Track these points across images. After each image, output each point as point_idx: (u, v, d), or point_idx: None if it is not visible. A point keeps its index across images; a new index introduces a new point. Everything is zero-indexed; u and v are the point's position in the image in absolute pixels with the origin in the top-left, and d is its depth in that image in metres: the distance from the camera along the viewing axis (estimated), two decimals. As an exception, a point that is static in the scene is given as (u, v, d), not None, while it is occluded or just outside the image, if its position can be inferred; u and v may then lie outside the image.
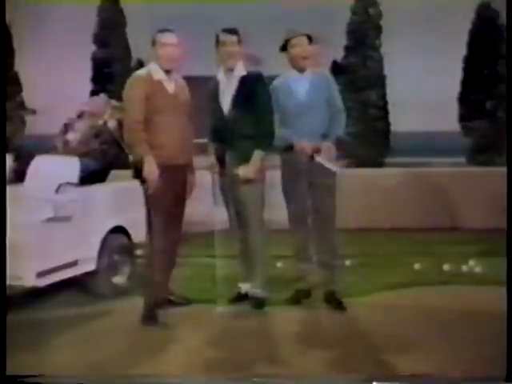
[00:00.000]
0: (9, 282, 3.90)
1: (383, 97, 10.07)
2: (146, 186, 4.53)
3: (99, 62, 10.41)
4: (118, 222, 5.29)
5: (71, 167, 5.08)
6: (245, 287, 4.95)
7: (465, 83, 10.26)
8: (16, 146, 8.96)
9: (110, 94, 5.93)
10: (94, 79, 10.43)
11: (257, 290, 4.85)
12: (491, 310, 4.43)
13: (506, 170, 6.67)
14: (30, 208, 4.69)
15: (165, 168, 4.49)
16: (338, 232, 4.89)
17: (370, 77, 9.88)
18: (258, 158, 4.72)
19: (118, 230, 5.31)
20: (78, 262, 4.89)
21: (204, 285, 5.32)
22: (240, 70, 4.77)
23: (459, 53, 10.41)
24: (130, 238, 5.45)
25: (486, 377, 3.51)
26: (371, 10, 9.95)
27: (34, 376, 3.46)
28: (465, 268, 5.97)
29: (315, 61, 4.95)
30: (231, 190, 4.82)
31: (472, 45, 10.20)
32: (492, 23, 9.97)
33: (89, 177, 5.19)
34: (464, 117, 10.23)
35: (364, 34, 9.88)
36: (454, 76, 10.51)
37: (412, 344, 4.11)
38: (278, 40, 4.94)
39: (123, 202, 5.34)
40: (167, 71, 4.62)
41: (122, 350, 4.09)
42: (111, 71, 10.27)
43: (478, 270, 5.90)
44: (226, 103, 4.76)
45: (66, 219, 4.81)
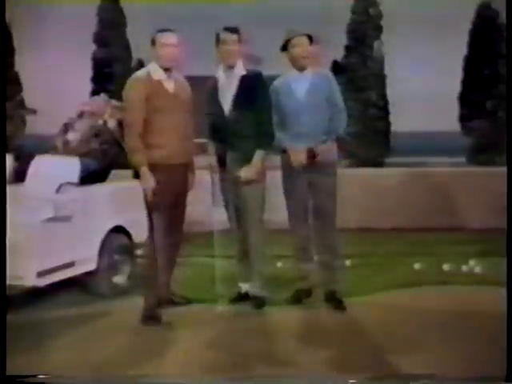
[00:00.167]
0: (9, 282, 3.90)
1: (383, 97, 10.05)
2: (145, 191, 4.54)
3: (99, 62, 10.39)
4: (118, 221, 5.30)
5: (71, 167, 5.09)
6: (245, 287, 4.95)
7: (465, 83, 10.24)
8: (16, 145, 8.95)
9: (111, 94, 5.94)
10: (94, 79, 10.41)
11: (257, 290, 4.86)
12: (491, 310, 4.43)
13: (506, 169, 6.66)
14: (31, 208, 4.70)
15: (165, 167, 4.49)
16: (338, 232, 4.90)
17: (370, 77, 9.87)
18: (259, 158, 4.72)
19: (119, 229, 5.32)
20: (78, 262, 4.90)
21: (204, 284, 5.32)
22: (240, 69, 4.77)
23: (459, 53, 10.41)
24: (131, 237, 5.46)
25: (486, 377, 3.50)
26: (371, 10, 9.94)
27: (34, 376, 3.46)
28: (465, 268, 5.97)
29: (315, 61, 4.95)
30: (232, 190, 4.82)
31: (472, 45, 10.19)
32: (492, 23, 9.96)
33: (89, 177, 5.19)
34: (464, 117, 10.22)
35: (364, 34, 9.88)
36: (454, 76, 10.50)
37: (412, 344, 4.11)
38: (278, 40, 4.94)
39: (123, 202, 5.35)
40: (167, 70, 4.61)
41: (122, 349, 4.10)
42: (111, 71, 10.25)
43: (478, 270, 5.91)
44: (226, 103, 4.76)
45: (66, 219, 4.81)
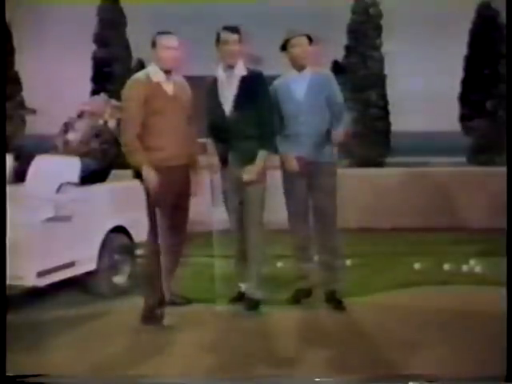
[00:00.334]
0: (9, 282, 3.90)
1: (384, 97, 10.03)
2: (147, 187, 4.54)
3: (99, 62, 10.35)
4: (118, 221, 5.30)
5: (72, 167, 5.08)
6: (245, 286, 4.94)
7: (465, 83, 10.21)
8: (16, 145, 8.93)
9: (111, 94, 5.92)
10: (95, 79, 10.37)
11: (252, 291, 4.84)
12: (491, 310, 4.43)
13: (506, 169, 6.66)
14: (31, 208, 4.69)
15: (164, 169, 4.48)
16: (338, 232, 4.90)
17: (371, 76, 9.85)
18: (262, 159, 4.71)
19: (119, 229, 5.32)
20: (78, 262, 4.90)
21: (203, 284, 5.32)
22: (240, 69, 4.75)
23: (460, 52, 10.37)
24: (131, 237, 5.46)
25: (486, 377, 3.51)
26: (371, 10, 9.92)
27: (34, 376, 3.47)
28: (465, 268, 5.98)
29: (315, 61, 4.94)
30: (233, 190, 4.81)
31: (472, 44, 10.15)
32: (492, 23, 9.93)
33: (89, 176, 5.19)
34: (464, 116, 10.19)
35: (364, 34, 9.86)
36: (455, 76, 10.47)
37: (412, 344, 4.11)
38: (278, 39, 4.94)
39: (124, 202, 5.35)
40: (166, 72, 4.59)
41: (122, 349, 4.10)
42: (111, 71, 10.22)
43: (478, 269, 5.91)
44: (226, 103, 4.74)
45: (66, 219, 4.81)
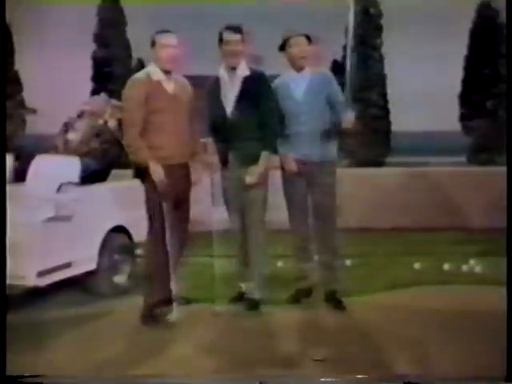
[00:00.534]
0: (10, 282, 3.89)
1: (384, 96, 10.03)
2: (147, 185, 4.54)
3: (99, 62, 10.36)
4: (118, 221, 5.31)
5: (72, 167, 5.09)
6: (245, 286, 4.94)
7: (465, 82, 10.21)
8: (16, 145, 8.94)
9: (111, 94, 5.93)
10: (95, 78, 10.38)
11: (252, 291, 4.84)
12: (491, 310, 4.43)
13: (506, 169, 6.66)
14: (31, 207, 4.70)
15: (165, 167, 4.49)
16: (338, 232, 4.90)
17: (371, 76, 9.85)
18: (265, 160, 4.70)
19: (119, 229, 5.33)
20: (78, 262, 4.90)
21: (203, 284, 5.32)
22: (243, 70, 4.74)
23: (460, 52, 10.37)
24: (131, 237, 5.46)
25: (486, 377, 3.51)
26: (371, 10, 9.92)
27: (34, 376, 3.47)
28: (465, 268, 5.98)
29: (314, 60, 4.94)
30: (234, 190, 4.80)
31: (473, 44, 10.15)
32: (493, 22, 9.93)
33: (90, 176, 5.20)
34: (464, 116, 10.19)
35: (364, 34, 9.85)
36: (455, 76, 10.47)
37: (412, 344, 4.11)
38: (278, 39, 4.93)
39: (124, 202, 5.35)
40: (166, 71, 4.61)
41: (122, 349, 4.10)
42: (111, 70, 10.23)
43: (478, 269, 5.92)
44: (228, 103, 4.73)
45: (66, 218, 4.82)
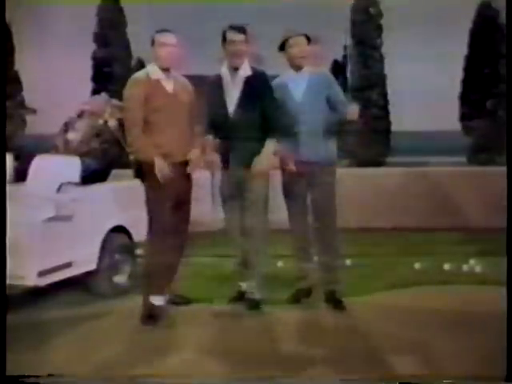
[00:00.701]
0: (10, 282, 3.91)
1: (384, 96, 10.03)
2: (147, 185, 4.54)
3: (100, 61, 10.36)
4: (118, 221, 5.30)
5: (72, 166, 5.09)
6: (245, 286, 4.94)
7: (465, 82, 10.22)
8: (16, 145, 8.95)
9: (111, 93, 5.93)
10: (95, 78, 10.39)
11: (252, 291, 4.83)
12: (491, 310, 4.43)
13: (506, 169, 6.66)
14: (32, 207, 4.70)
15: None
16: (338, 232, 4.90)
17: (371, 76, 9.86)
18: (271, 147, 4.67)
19: (119, 229, 5.33)
20: (78, 262, 4.90)
21: (203, 284, 5.32)
22: (246, 70, 4.73)
23: (460, 52, 10.38)
24: (131, 237, 5.46)
25: (486, 377, 3.51)
26: (371, 10, 9.92)
27: (34, 376, 3.47)
28: (465, 268, 5.98)
29: (314, 60, 4.94)
30: (234, 190, 4.80)
31: (473, 44, 10.15)
32: (492, 23, 9.93)
33: (90, 176, 5.20)
34: (465, 116, 10.20)
35: (364, 34, 9.86)
36: (455, 76, 10.48)
37: (412, 344, 4.11)
38: (278, 39, 4.93)
39: (124, 202, 5.35)
40: (166, 70, 4.61)
41: (122, 349, 4.10)
42: (112, 70, 10.24)
43: (479, 269, 5.91)
44: (231, 103, 4.72)
45: (67, 218, 4.81)
